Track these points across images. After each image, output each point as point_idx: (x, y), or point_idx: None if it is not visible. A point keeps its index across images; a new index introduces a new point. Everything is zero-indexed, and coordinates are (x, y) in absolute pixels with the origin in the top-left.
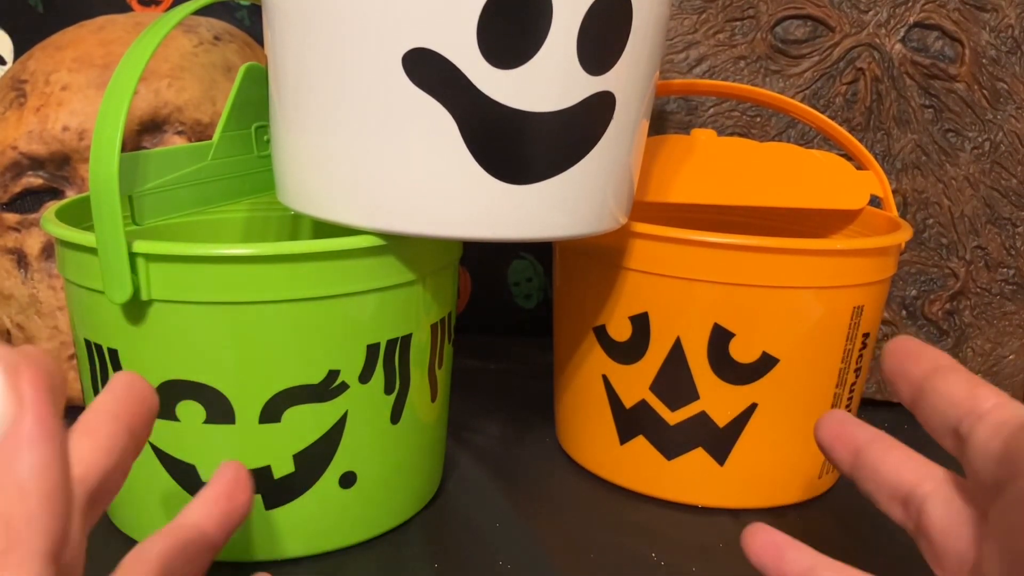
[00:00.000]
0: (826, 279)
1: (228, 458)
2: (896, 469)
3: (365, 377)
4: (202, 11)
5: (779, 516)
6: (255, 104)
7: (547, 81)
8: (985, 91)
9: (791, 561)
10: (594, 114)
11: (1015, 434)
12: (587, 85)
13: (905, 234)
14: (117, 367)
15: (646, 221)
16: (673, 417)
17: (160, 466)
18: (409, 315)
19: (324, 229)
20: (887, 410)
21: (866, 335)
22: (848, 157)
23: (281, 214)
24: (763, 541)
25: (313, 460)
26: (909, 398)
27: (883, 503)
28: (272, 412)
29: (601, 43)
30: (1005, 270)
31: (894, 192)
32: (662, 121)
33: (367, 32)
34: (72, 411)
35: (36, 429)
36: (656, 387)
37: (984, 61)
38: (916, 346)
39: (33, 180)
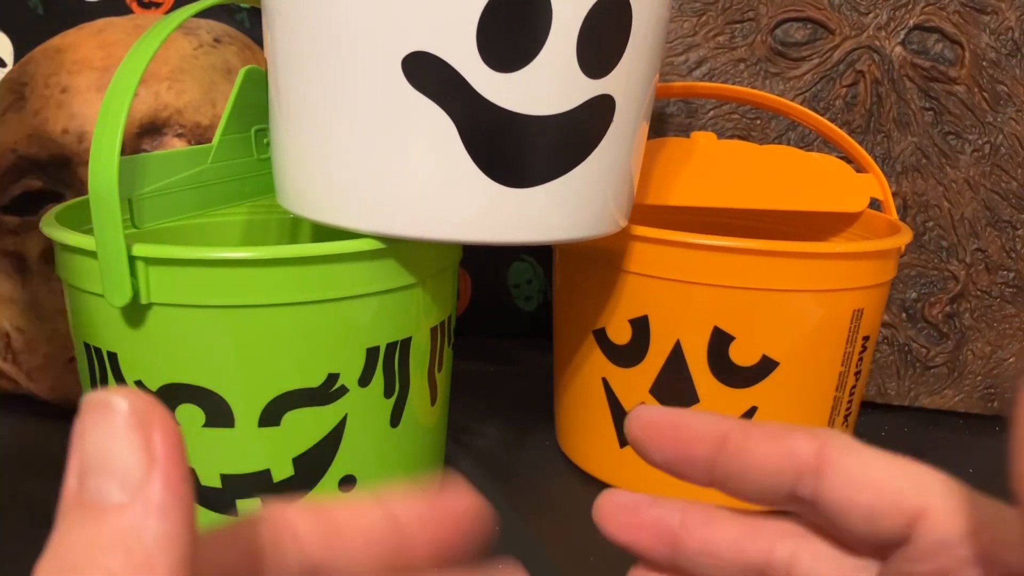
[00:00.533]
0: (826, 282)
1: (227, 461)
2: (735, 542)
3: (365, 380)
4: (202, 13)
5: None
6: (255, 107)
7: (547, 84)
8: (985, 94)
9: (655, 524)
10: (594, 117)
11: (885, 483)
12: (587, 88)
13: (905, 237)
14: (116, 371)
15: (646, 224)
16: None
17: None
18: (409, 318)
19: (324, 232)
20: (886, 413)
21: (866, 338)
22: (848, 160)
23: (281, 217)
24: (614, 508)
25: (313, 463)
26: (706, 482)
27: None
28: (272, 415)
29: (601, 46)
30: (1005, 273)
31: (894, 195)
32: (662, 124)
33: (367, 36)
34: (68, 413)
35: (167, 495)
36: (656, 390)
37: (984, 63)
38: (675, 419)
39: (32, 183)
